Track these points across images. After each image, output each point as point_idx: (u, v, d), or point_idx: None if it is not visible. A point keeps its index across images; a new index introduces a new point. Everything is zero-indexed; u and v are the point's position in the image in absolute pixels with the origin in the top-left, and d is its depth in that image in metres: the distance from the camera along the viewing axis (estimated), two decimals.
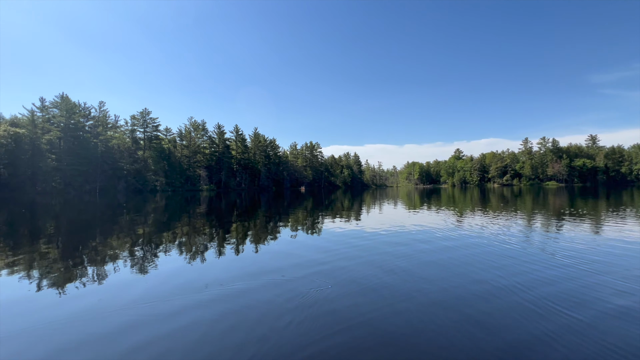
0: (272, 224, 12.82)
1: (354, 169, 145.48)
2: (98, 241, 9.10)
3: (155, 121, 76.64)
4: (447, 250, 7.42)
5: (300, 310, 3.88)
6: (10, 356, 2.95)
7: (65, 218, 16.00)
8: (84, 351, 3.01)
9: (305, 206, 23.08)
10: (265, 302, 4.17)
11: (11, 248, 8.11)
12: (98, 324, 3.58)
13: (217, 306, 4.05)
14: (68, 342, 3.18)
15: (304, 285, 4.87)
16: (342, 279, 5.17)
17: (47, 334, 3.36)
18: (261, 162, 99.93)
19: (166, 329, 3.43)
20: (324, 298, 4.33)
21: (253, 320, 3.61)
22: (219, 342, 3.13)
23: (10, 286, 5.02)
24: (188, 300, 4.29)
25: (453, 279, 5.16)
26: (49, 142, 59.68)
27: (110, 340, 3.21)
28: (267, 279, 5.19)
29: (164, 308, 4.02)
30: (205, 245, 8.44)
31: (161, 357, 2.87)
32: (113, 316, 3.79)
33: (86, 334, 3.34)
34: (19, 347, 3.09)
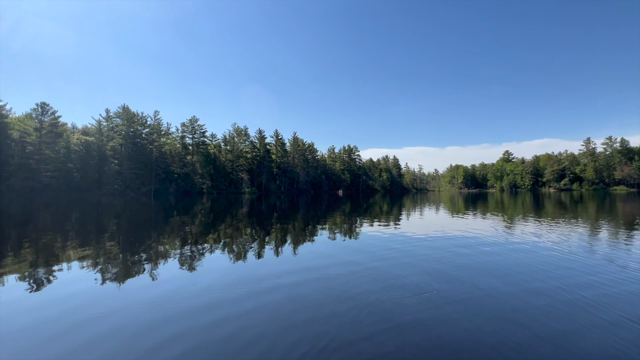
0: (311, 227, 13.05)
1: (393, 172, 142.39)
2: (167, 237, 9.98)
3: (202, 128, 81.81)
4: (496, 256, 7.05)
5: (357, 309, 3.97)
6: (113, 327, 3.53)
7: (131, 217, 17.68)
8: (173, 327, 3.45)
9: (343, 210, 23.11)
10: (315, 293, 4.34)
11: (100, 240, 9.20)
12: (183, 306, 4.14)
13: (275, 295, 4.40)
14: (155, 319, 3.70)
15: (359, 285, 4.95)
16: (381, 279, 5.16)
17: (141, 311, 3.96)
18: (300, 166, 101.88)
19: (242, 309, 4.06)
20: (372, 297, 4.37)
21: (308, 307, 3.80)
22: (290, 319, 3.66)
23: (112, 272, 5.72)
24: (250, 288, 4.83)
25: (506, 287, 4.89)
26: (112, 149, 66.37)
27: (192, 317, 3.76)
28: (312, 276, 5.36)
29: (238, 293, 4.61)
30: (253, 243, 8.86)
31: (252, 331, 3.45)
32: (193, 299, 4.43)
33: (172, 314, 3.84)
34: (119, 321, 3.61)
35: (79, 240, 9.67)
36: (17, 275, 5.71)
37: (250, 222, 15.15)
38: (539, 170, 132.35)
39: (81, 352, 3.04)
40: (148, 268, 6.23)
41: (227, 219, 16.45)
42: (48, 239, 9.82)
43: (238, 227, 12.95)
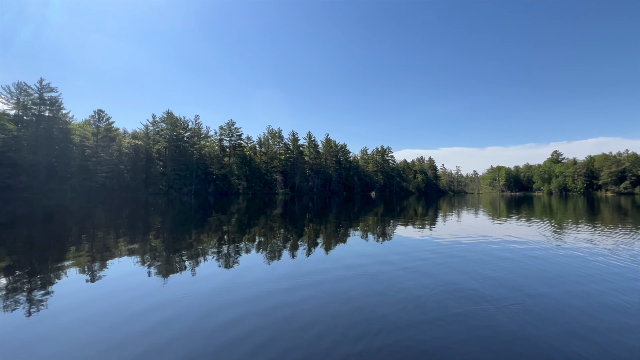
0: (343, 228, 13.08)
1: (429, 173, 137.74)
2: (210, 234, 10.59)
3: (238, 131, 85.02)
4: (545, 263, 6.61)
5: (401, 303, 3.99)
6: (183, 311, 3.82)
7: (176, 215, 18.89)
8: (231, 313, 3.68)
9: (375, 212, 22.84)
10: (357, 287, 4.40)
11: (150, 236, 10.00)
12: (238, 294, 4.40)
13: (321, 287, 4.51)
14: (213, 307, 3.98)
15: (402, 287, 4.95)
16: (419, 278, 5.08)
17: (205, 299, 4.22)
18: (332, 167, 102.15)
19: (293, 298, 4.35)
20: (417, 298, 4.34)
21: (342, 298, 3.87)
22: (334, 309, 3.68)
23: (178, 262, 6.25)
24: (296, 282, 5.04)
25: (568, 299, 4.58)
26: (158, 151, 71.15)
27: (248, 304, 4.00)
28: (352, 272, 5.42)
29: (285, 285, 4.87)
30: (290, 242, 9.10)
31: (302, 318, 3.73)
32: (245, 289, 4.83)
33: (230, 302, 4.08)
34: (187, 306, 3.90)
35: (131, 235, 10.54)
36: (77, 267, 6.38)
37: (284, 222, 15.51)
38: (593, 172, 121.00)
39: (149, 335, 3.36)
40: (199, 261, 6.65)
41: (263, 219, 16.98)
42: (103, 233, 10.82)
43: (273, 227, 13.34)
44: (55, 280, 5.35)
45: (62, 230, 11.79)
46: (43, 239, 9.92)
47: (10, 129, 52.50)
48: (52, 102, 57.32)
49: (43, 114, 56.86)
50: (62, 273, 5.77)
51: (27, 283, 5.17)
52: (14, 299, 4.44)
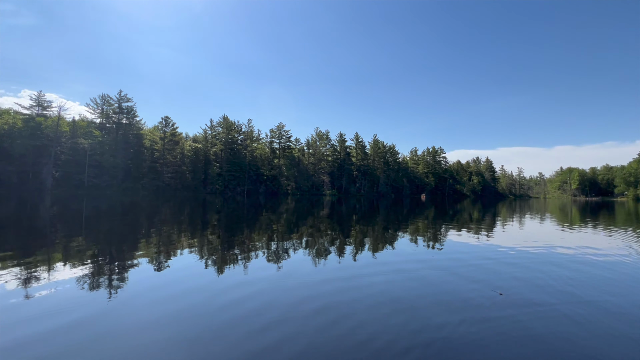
0: (392, 231, 12.77)
1: (486, 175, 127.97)
2: (261, 233, 11.18)
3: (287, 133, 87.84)
4: (628, 278, 5.78)
5: (448, 304, 3.85)
6: (242, 297, 4.09)
7: (234, 213, 20.20)
8: (281, 310, 3.88)
9: (426, 215, 21.90)
10: (408, 291, 4.33)
11: (209, 232, 10.89)
12: (283, 294, 4.60)
13: (371, 290, 4.51)
14: (265, 301, 4.19)
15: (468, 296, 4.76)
16: (477, 285, 4.78)
17: (252, 294, 4.50)
18: (380, 169, 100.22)
19: (341, 300, 4.24)
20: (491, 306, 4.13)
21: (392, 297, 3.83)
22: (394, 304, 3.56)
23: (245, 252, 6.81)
24: (344, 284, 5.06)
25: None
26: (215, 154, 76.53)
27: (293, 307, 4.11)
28: (402, 276, 5.31)
29: (333, 287, 4.86)
30: (337, 243, 9.18)
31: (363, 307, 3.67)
32: (291, 289, 4.84)
33: (277, 301, 4.30)
34: (233, 301, 4.24)
35: (192, 230, 11.52)
36: (147, 257, 7.15)
37: (332, 222, 15.65)
38: None
39: (199, 326, 3.69)
40: (250, 257, 7.07)
41: (311, 219, 17.31)
42: (167, 228, 11.97)
43: (320, 227, 13.53)
44: (130, 268, 6.09)
45: (136, 224, 13.32)
46: (121, 231, 11.31)
47: (96, 135, 60.66)
48: (128, 110, 65.00)
49: (121, 121, 64.72)
50: (136, 262, 6.54)
51: (108, 269, 5.96)
52: (97, 282, 5.16)
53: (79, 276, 5.41)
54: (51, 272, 5.64)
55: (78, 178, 56.91)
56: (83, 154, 57.65)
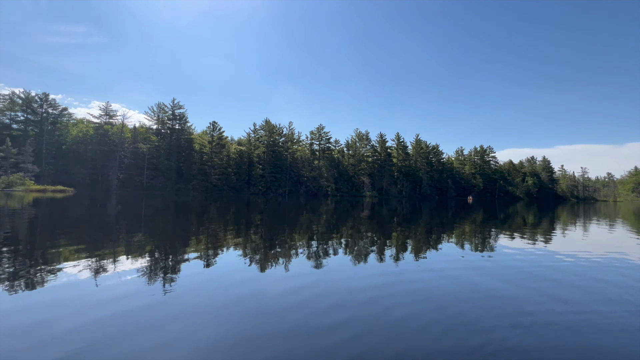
0: (435, 234, 12.25)
1: (542, 176, 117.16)
2: (301, 233, 11.44)
3: (327, 135, 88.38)
4: None
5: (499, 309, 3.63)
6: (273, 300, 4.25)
7: (275, 213, 20.88)
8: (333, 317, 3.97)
9: (473, 219, 20.66)
10: (458, 294, 4.16)
11: (253, 231, 11.41)
12: (323, 295, 4.67)
13: (424, 294, 4.41)
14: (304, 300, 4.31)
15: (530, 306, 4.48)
16: (532, 294, 4.40)
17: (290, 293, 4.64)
18: (423, 169, 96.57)
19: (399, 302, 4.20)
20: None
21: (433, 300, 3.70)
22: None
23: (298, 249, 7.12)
24: (394, 288, 5.00)
25: None
26: (258, 156, 79.56)
27: (335, 306, 4.17)
28: (447, 282, 5.10)
29: (375, 290, 4.86)
30: (376, 245, 9.05)
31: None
32: (331, 290, 4.89)
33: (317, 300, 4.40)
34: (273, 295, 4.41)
35: (237, 229, 12.09)
36: (197, 254, 7.64)
37: (372, 224, 15.43)
38: None
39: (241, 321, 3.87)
40: (291, 256, 7.26)
41: (351, 220, 17.24)
42: (215, 227, 12.69)
43: (360, 229, 13.42)
44: (182, 262, 6.56)
45: (187, 223, 14.32)
46: (175, 228, 12.24)
47: (153, 140, 66.35)
48: (180, 117, 70.20)
49: (174, 127, 70.08)
50: (187, 257, 7.04)
51: (163, 263, 6.49)
52: (154, 275, 5.64)
53: (138, 268, 5.97)
54: (116, 263, 6.29)
55: (138, 180, 62.70)
56: (142, 158, 63.40)
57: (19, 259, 6.42)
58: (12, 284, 4.82)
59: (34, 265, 5.95)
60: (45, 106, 61.13)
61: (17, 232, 10.10)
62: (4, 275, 5.25)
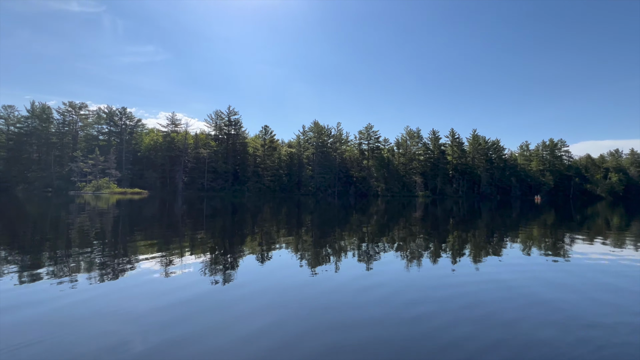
0: (497, 237, 11.30)
1: (631, 172, 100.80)
2: (352, 234, 11.48)
3: (376, 134, 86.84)
4: None
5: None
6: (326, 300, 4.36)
7: (325, 213, 21.21)
8: (369, 313, 3.99)
9: (542, 220, 18.64)
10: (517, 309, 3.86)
11: (305, 230, 11.76)
12: (372, 297, 4.65)
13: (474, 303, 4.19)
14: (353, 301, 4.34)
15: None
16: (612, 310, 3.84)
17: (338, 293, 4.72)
18: (481, 167, 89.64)
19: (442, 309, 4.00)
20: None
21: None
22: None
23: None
24: (442, 292, 4.79)
25: None
26: (307, 157, 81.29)
27: (384, 309, 4.14)
28: (510, 294, 4.71)
29: (429, 295, 4.75)
30: (429, 248, 8.68)
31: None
32: (381, 293, 4.86)
33: (365, 303, 4.42)
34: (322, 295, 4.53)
35: (289, 228, 12.50)
36: (251, 250, 8.07)
37: (425, 225, 14.81)
38: None
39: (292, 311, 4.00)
40: (341, 256, 7.31)
41: (402, 221, 16.73)
42: (268, 226, 13.26)
43: (412, 230, 12.96)
44: (239, 258, 7.00)
45: (243, 222, 15.21)
46: (232, 227, 13.10)
47: (212, 145, 71.71)
48: (235, 122, 74.84)
49: (230, 132, 74.87)
50: (243, 253, 7.49)
51: (222, 259, 6.99)
52: (214, 269, 6.10)
53: (201, 260, 6.52)
54: (182, 257, 6.94)
55: (200, 182, 68.25)
56: (203, 162, 68.88)
57: (105, 251, 7.44)
58: (99, 272, 5.61)
59: (117, 257, 6.85)
60: (124, 119, 69.73)
61: (105, 228, 11.69)
62: (94, 265, 6.13)
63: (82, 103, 68.01)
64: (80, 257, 6.79)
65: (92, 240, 9.00)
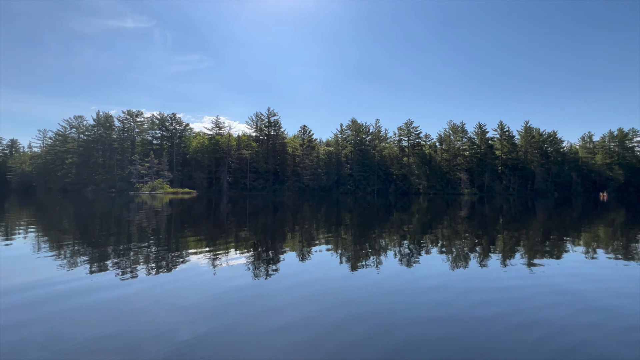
0: (554, 239, 10.32)
1: None
2: (391, 233, 11.26)
3: (417, 129, 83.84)
4: None
5: None
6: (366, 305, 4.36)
7: (365, 212, 21.04)
8: (408, 315, 3.91)
9: (610, 219, 16.65)
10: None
11: (348, 229, 11.80)
12: (410, 301, 4.53)
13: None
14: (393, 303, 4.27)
15: None
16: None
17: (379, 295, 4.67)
18: (535, 162, 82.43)
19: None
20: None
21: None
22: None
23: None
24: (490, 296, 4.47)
25: None
26: (345, 156, 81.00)
27: (425, 313, 4.01)
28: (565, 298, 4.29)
29: (475, 299, 4.53)
30: (477, 250, 8.20)
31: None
32: (422, 295, 4.73)
33: (406, 305, 4.32)
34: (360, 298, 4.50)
35: (328, 227, 12.57)
36: (291, 247, 8.23)
37: (471, 225, 14.01)
38: None
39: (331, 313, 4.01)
40: (380, 257, 7.20)
41: (447, 220, 16.00)
42: (307, 224, 13.44)
43: (457, 230, 12.33)
44: (280, 254, 7.20)
45: (284, 220, 15.60)
46: (273, 225, 13.50)
47: (254, 146, 74.48)
48: (275, 123, 76.93)
49: (270, 133, 77.17)
50: (284, 249, 7.69)
51: (264, 254, 7.23)
52: (257, 264, 6.33)
53: (243, 256, 6.81)
54: (227, 253, 7.31)
55: (242, 182, 71.32)
56: (245, 163, 71.85)
57: (160, 246, 8.08)
58: (154, 265, 6.11)
59: (170, 251, 7.41)
60: (174, 124, 75.15)
61: (159, 226, 12.70)
62: (150, 258, 6.70)
63: (138, 111, 74.46)
64: (139, 251, 7.45)
65: (149, 236, 9.85)
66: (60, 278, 5.21)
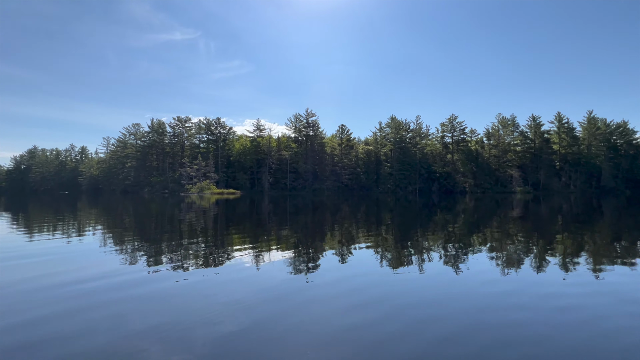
0: (624, 242, 9.13)
1: None
2: (436, 233, 10.84)
3: (461, 125, 79.33)
4: None
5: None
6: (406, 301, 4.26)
7: (406, 212, 20.48)
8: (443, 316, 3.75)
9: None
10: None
11: (387, 230, 11.61)
12: (450, 307, 4.32)
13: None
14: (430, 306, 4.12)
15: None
16: None
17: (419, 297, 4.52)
18: (601, 156, 73.67)
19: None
20: None
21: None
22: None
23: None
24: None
25: None
26: (385, 154, 79.34)
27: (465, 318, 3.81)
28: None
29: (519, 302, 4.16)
30: (532, 253, 7.55)
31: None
32: (464, 300, 4.50)
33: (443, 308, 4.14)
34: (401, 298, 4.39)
35: (367, 227, 12.38)
36: (331, 247, 8.22)
37: (525, 226, 12.94)
38: None
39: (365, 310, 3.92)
40: (423, 259, 6.94)
41: (496, 221, 14.97)
42: (348, 224, 13.36)
43: (509, 232, 11.47)
44: (318, 252, 7.24)
45: (323, 219, 15.70)
46: (313, 224, 13.64)
47: (293, 147, 76.01)
48: (313, 124, 77.69)
49: (309, 134, 78.09)
50: (323, 250, 7.72)
51: (303, 252, 7.32)
52: (296, 261, 6.42)
53: (283, 254, 6.96)
54: (269, 250, 7.53)
55: (283, 182, 73.15)
56: (285, 163, 73.63)
57: (208, 243, 8.57)
58: (202, 261, 6.48)
59: (216, 247, 7.82)
60: (219, 128, 79.39)
61: (207, 224, 13.48)
62: (198, 254, 7.12)
63: (187, 117, 79.75)
64: (189, 247, 7.97)
65: (198, 233, 10.50)
66: (123, 270, 5.77)
